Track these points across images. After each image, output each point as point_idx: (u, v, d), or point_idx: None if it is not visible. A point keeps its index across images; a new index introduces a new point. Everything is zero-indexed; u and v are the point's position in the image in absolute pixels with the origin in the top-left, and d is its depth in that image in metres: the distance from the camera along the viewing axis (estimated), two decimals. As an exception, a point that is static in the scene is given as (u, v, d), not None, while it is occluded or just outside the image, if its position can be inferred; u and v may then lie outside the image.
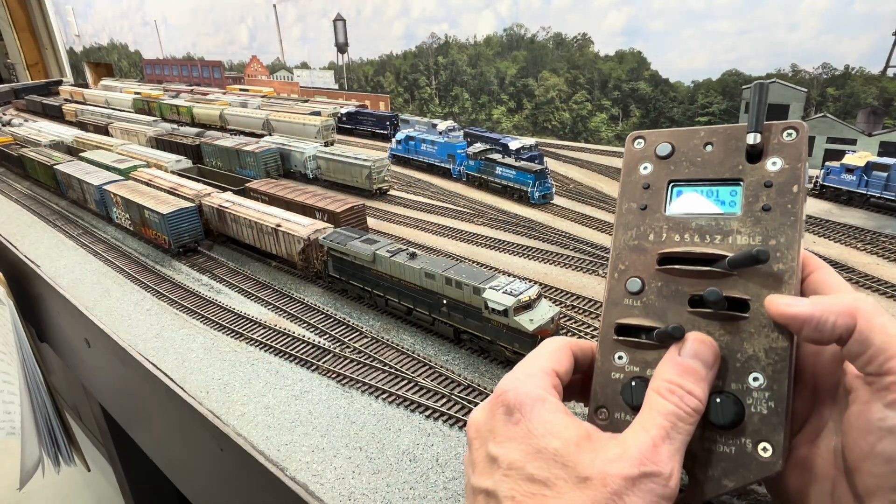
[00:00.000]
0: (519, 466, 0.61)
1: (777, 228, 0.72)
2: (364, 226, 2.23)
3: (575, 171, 3.07)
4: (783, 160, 0.74)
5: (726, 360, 0.71)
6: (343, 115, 4.37)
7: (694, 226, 0.77)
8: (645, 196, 0.81)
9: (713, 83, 3.06)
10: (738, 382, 0.70)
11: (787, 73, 2.81)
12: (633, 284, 0.79)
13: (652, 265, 0.78)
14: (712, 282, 0.74)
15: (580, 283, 1.76)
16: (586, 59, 3.56)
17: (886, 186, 2.11)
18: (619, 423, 0.75)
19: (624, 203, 0.83)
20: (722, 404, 0.69)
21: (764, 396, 0.68)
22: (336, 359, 1.47)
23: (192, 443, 1.49)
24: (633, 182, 0.83)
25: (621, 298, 0.79)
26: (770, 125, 0.74)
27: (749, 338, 0.71)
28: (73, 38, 8.91)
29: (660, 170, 0.82)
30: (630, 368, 0.76)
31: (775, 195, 0.73)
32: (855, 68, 2.63)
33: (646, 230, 0.80)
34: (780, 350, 0.69)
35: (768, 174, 0.74)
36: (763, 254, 0.69)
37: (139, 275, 2.09)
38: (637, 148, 0.84)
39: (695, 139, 0.80)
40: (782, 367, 0.68)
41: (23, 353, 2.41)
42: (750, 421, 0.68)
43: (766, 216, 0.73)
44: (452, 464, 1.08)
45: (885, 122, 2.62)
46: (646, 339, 0.77)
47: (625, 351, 0.77)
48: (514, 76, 3.99)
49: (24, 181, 3.65)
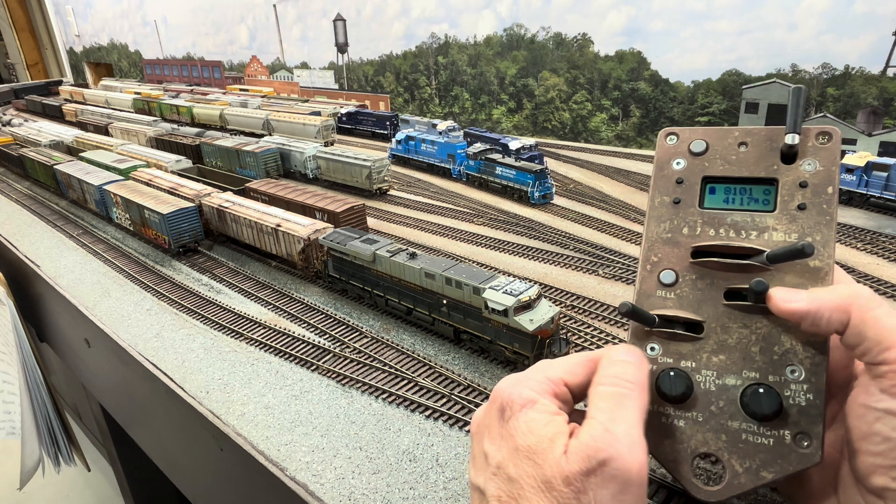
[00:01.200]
0: (503, 466, 0.60)
1: (813, 227, 0.74)
2: (364, 226, 2.23)
3: (575, 171, 3.07)
4: (819, 162, 0.75)
5: (764, 352, 0.72)
6: (343, 115, 4.37)
7: (729, 221, 0.78)
8: (678, 190, 0.82)
9: (713, 83, 3.06)
10: (775, 375, 0.71)
11: (787, 73, 2.81)
12: (666, 276, 0.79)
13: (686, 258, 0.79)
14: (748, 275, 0.75)
15: (580, 283, 1.76)
16: (586, 59, 3.56)
17: (886, 186, 2.11)
18: (652, 414, 0.75)
19: (657, 197, 0.83)
20: (761, 395, 0.70)
21: (802, 389, 0.69)
22: (336, 359, 1.47)
23: (192, 443, 1.49)
24: (665, 177, 0.84)
25: (654, 290, 0.80)
26: (806, 129, 0.76)
27: (786, 331, 0.72)
28: (73, 38, 8.91)
29: (693, 166, 0.82)
30: (664, 360, 0.77)
31: (811, 195, 0.75)
32: (855, 68, 2.63)
33: (679, 223, 0.81)
34: (817, 344, 0.70)
35: (803, 175, 0.76)
36: (809, 247, 0.69)
37: (139, 275, 2.09)
38: (669, 144, 0.85)
39: (729, 138, 0.82)
40: (820, 360, 0.69)
41: (23, 353, 2.41)
42: (789, 413, 0.69)
43: (802, 215, 0.75)
44: (452, 464, 1.09)
45: (885, 122, 2.62)
46: (680, 331, 0.77)
47: (658, 342, 0.78)
48: (514, 76, 3.99)
49: (24, 181, 3.65)
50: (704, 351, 0.76)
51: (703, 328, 0.77)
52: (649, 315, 0.77)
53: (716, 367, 0.75)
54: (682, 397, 0.74)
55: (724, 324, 0.76)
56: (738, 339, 0.75)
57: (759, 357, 0.73)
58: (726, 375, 0.74)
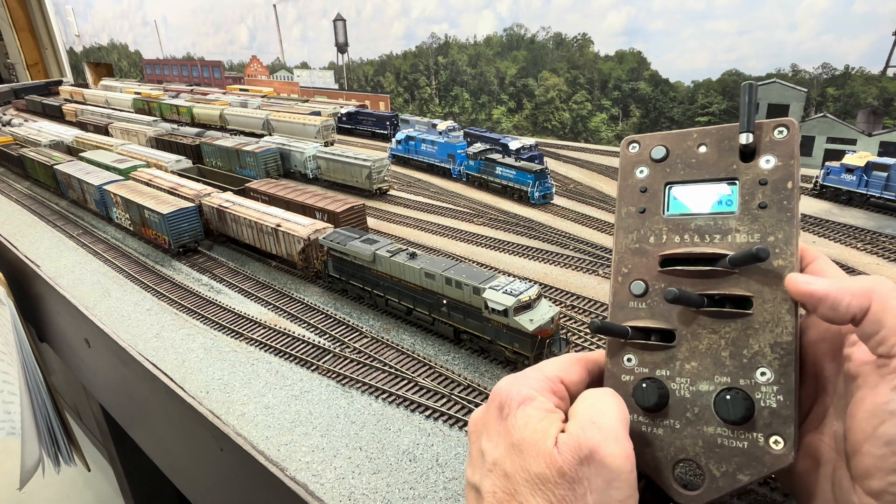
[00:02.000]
0: (500, 462, 0.61)
1: (774, 225, 0.74)
2: (364, 226, 2.23)
3: (575, 171, 3.07)
4: (776, 158, 0.74)
5: (734, 357, 0.72)
6: (343, 115, 4.37)
7: (693, 226, 0.78)
8: (643, 199, 0.82)
9: (713, 83, 3.06)
10: (745, 378, 0.72)
11: (787, 73, 2.81)
12: (637, 287, 0.80)
13: (654, 267, 0.79)
14: (714, 281, 0.76)
15: (580, 283, 1.76)
16: (586, 59, 3.56)
17: (886, 186, 2.11)
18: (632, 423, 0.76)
19: (623, 207, 0.84)
20: (731, 400, 0.70)
21: (772, 391, 0.70)
22: (336, 359, 1.47)
23: (192, 443, 1.49)
24: (630, 186, 0.84)
25: (626, 301, 0.81)
26: (761, 124, 0.75)
27: (754, 334, 0.72)
28: (73, 38, 8.90)
29: (656, 173, 0.82)
30: (640, 370, 0.78)
31: (770, 192, 0.74)
32: (855, 68, 2.63)
33: (646, 233, 0.81)
34: (784, 344, 0.70)
35: (762, 172, 0.75)
36: (763, 252, 0.70)
37: (139, 275, 2.09)
38: (632, 152, 0.85)
39: (688, 141, 0.81)
40: (788, 360, 0.70)
41: (23, 353, 2.41)
42: (760, 415, 0.69)
43: (763, 213, 0.74)
44: (452, 464, 1.08)
45: (885, 122, 2.62)
46: (653, 341, 0.78)
47: (633, 353, 0.78)
48: (514, 76, 3.99)
49: (24, 181, 3.65)
50: (677, 359, 0.76)
51: (675, 336, 0.77)
52: (621, 328, 0.78)
53: (689, 374, 0.75)
54: (656, 406, 0.75)
55: (694, 331, 0.76)
56: (709, 344, 0.75)
57: (730, 362, 0.73)
58: (699, 382, 0.75)
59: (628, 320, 0.80)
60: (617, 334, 0.78)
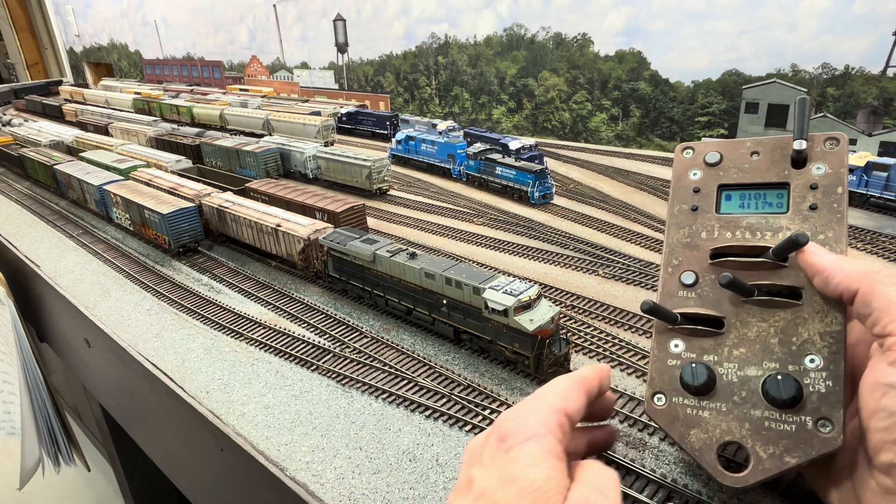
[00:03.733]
0: (490, 493, 0.58)
1: (825, 224, 0.79)
2: (364, 226, 2.23)
3: (575, 171, 3.07)
4: (827, 165, 0.81)
5: (783, 344, 0.76)
6: (343, 115, 4.37)
7: (745, 224, 0.84)
8: (696, 198, 0.88)
9: (713, 83, 3.06)
10: (794, 364, 0.75)
11: (787, 73, 2.81)
12: (687, 277, 0.84)
13: (705, 260, 0.84)
14: (765, 273, 0.80)
15: (580, 283, 1.76)
16: (586, 59, 3.56)
17: (886, 186, 2.11)
18: (677, 406, 0.79)
19: (675, 205, 0.90)
20: (782, 381, 0.73)
21: (821, 376, 0.72)
22: (336, 359, 1.47)
23: (192, 443, 1.49)
24: (683, 187, 0.90)
25: (676, 291, 0.85)
26: (812, 136, 0.81)
27: (804, 323, 0.76)
28: (73, 38, 8.91)
29: (709, 175, 0.89)
30: (687, 355, 0.81)
31: (821, 196, 0.80)
32: (855, 68, 2.63)
33: (698, 228, 0.87)
34: (834, 333, 0.74)
35: (813, 178, 0.81)
36: (802, 237, 0.73)
37: (139, 275, 2.09)
38: (686, 157, 0.92)
39: (741, 149, 0.88)
40: (838, 348, 0.73)
41: (23, 353, 2.41)
42: (809, 399, 0.72)
43: (814, 214, 0.80)
44: (452, 464, 1.09)
45: (885, 122, 2.62)
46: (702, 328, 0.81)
47: (681, 339, 0.82)
48: (514, 76, 3.99)
49: (24, 181, 3.65)
50: (725, 345, 0.79)
51: (723, 324, 0.80)
52: (671, 313, 0.82)
53: (737, 359, 0.78)
54: (704, 388, 0.77)
55: (743, 319, 0.79)
56: (758, 332, 0.78)
57: (779, 349, 0.76)
58: (747, 367, 0.77)
59: (677, 308, 0.83)
60: (667, 318, 0.82)
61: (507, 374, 1.34)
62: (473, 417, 1.19)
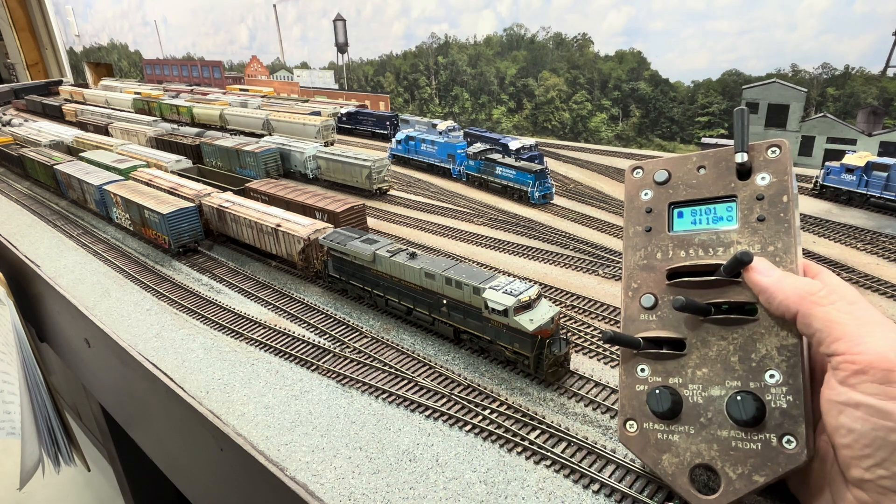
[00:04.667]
0: None
1: (773, 235, 0.78)
2: (364, 226, 2.23)
3: (575, 171, 3.07)
4: (771, 174, 0.80)
5: (743, 361, 0.76)
6: (343, 115, 4.37)
7: (697, 241, 0.84)
8: (649, 219, 0.88)
9: (713, 83, 3.06)
10: (755, 381, 0.74)
11: (787, 73, 2.81)
12: (646, 300, 0.85)
13: (662, 281, 0.85)
14: (719, 290, 0.80)
15: (580, 283, 1.76)
16: (586, 59, 3.56)
17: (886, 186, 2.11)
18: (648, 432, 0.80)
19: (630, 227, 0.90)
20: (742, 401, 0.72)
21: (782, 391, 0.72)
22: (336, 359, 1.47)
23: (192, 443, 1.49)
24: (636, 208, 0.90)
25: (637, 314, 0.86)
26: (754, 145, 0.81)
27: (760, 338, 0.75)
28: (73, 38, 8.91)
29: (660, 194, 0.88)
30: (653, 379, 0.81)
31: (768, 206, 0.79)
32: (855, 68, 2.63)
33: (653, 250, 0.87)
34: (790, 346, 0.73)
35: (759, 188, 0.81)
36: (746, 255, 0.74)
37: (139, 275, 2.09)
38: (636, 177, 0.91)
39: (688, 164, 0.87)
40: (795, 361, 0.72)
41: (23, 353, 2.41)
42: (771, 416, 0.72)
43: (762, 226, 0.79)
44: (452, 464, 1.09)
45: (885, 122, 2.62)
46: (665, 350, 0.82)
47: (646, 363, 0.83)
48: (514, 76, 3.99)
49: (24, 181, 3.65)
50: (688, 366, 0.79)
51: (685, 345, 0.80)
52: (633, 339, 0.82)
53: (700, 380, 0.78)
54: (670, 413, 0.77)
55: (703, 338, 0.79)
56: (718, 351, 0.78)
57: (739, 366, 0.76)
58: (711, 387, 0.77)
59: (639, 332, 0.84)
60: (629, 345, 0.82)
61: (507, 374, 1.34)
62: (473, 417, 1.19)
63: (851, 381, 0.60)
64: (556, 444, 1.09)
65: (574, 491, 0.98)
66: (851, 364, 0.61)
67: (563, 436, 1.10)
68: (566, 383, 1.27)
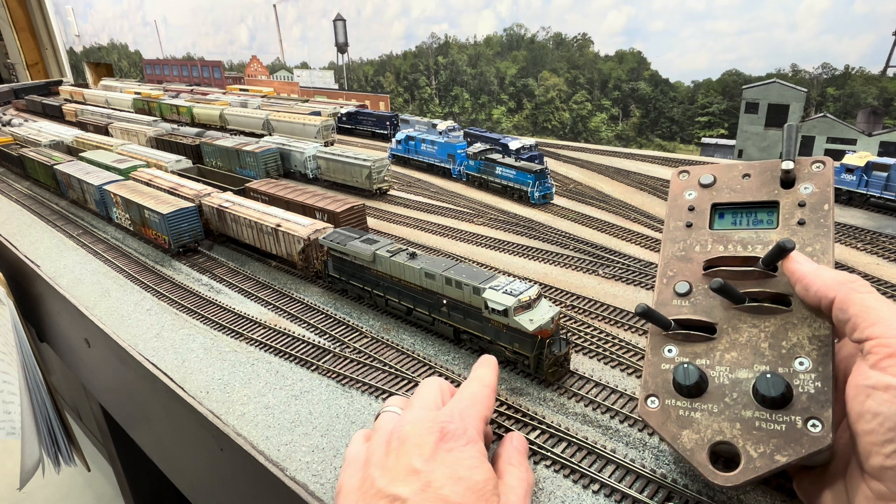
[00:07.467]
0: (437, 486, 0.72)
1: (813, 238, 0.84)
2: (364, 226, 2.23)
3: (575, 171, 3.07)
4: (814, 185, 0.88)
5: (773, 348, 0.80)
6: (343, 115, 4.37)
7: (737, 238, 0.90)
8: (690, 216, 0.96)
9: (713, 83, 3.06)
10: (784, 366, 0.78)
11: (787, 73, 2.81)
12: (681, 287, 0.91)
13: (698, 271, 0.91)
14: (755, 281, 0.85)
15: (580, 283, 1.76)
16: (586, 59, 3.56)
17: (886, 186, 2.11)
18: (670, 408, 0.83)
19: (671, 222, 0.97)
20: (772, 379, 0.76)
21: (811, 378, 0.76)
22: (336, 359, 1.47)
23: (192, 443, 1.49)
24: (679, 206, 0.98)
25: (670, 299, 0.92)
26: (799, 159, 0.89)
27: (793, 328, 0.80)
28: (73, 38, 8.91)
29: (703, 196, 0.97)
30: (680, 360, 0.86)
31: (809, 212, 0.86)
32: (855, 68, 2.63)
33: (692, 243, 0.94)
34: (822, 337, 0.77)
35: (801, 196, 0.88)
36: (788, 242, 0.79)
37: (139, 275, 2.09)
38: (682, 179, 1.01)
39: (734, 171, 0.96)
40: (826, 351, 0.76)
41: (23, 353, 2.41)
42: (798, 400, 0.75)
43: (802, 229, 0.86)
44: (452, 464, 1.08)
45: (885, 122, 2.62)
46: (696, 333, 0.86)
47: (675, 345, 0.87)
48: (514, 76, 3.99)
49: (24, 181, 3.65)
50: (717, 349, 0.83)
51: (715, 330, 0.85)
52: (665, 319, 0.87)
53: (728, 363, 0.82)
54: (696, 389, 0.81)
55: (735, 325, 0.84)
56: (749, 337, 0.82)
57: (769, 352, 0.79)
58: (738, 370, 0.81)
59: (671, 315, 0.89)
60: (660, 324, 0.87)
61: (507, 373, 1.34)
62: (473, 417, 1.19)
63: (884, 364, 0.62)
64: (555, 444, 1.09)
65: (574, 491, 0.98)
66: (886, 347, 0.63)
67: (563, 436, 1.10)
68: (566, 383, 1.27)
